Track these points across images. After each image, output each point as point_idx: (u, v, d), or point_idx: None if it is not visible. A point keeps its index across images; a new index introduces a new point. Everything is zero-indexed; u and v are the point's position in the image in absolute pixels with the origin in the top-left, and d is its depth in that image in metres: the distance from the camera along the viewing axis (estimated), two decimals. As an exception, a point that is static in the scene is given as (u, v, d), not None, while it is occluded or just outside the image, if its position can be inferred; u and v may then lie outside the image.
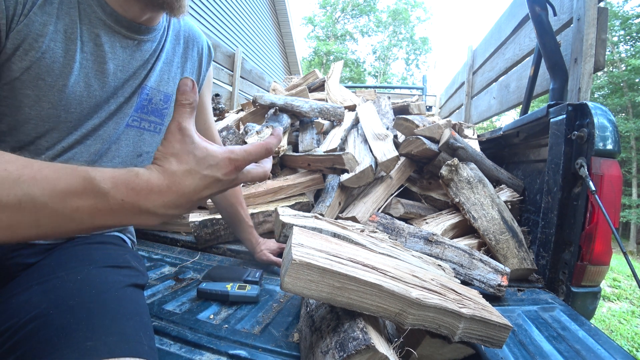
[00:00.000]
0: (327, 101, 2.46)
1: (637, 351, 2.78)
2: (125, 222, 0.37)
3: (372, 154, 1.50)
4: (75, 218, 0.34)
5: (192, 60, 0.78)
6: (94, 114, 0.59)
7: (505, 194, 1.43)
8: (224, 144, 1.53)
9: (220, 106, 2.25)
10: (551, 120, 1.14)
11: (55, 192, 0.33)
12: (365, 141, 1.65)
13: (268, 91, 3.94)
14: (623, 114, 13.86)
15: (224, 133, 1.56)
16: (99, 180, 0.34)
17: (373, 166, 1.41)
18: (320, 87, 2.84)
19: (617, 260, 5.64)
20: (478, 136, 1.95)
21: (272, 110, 1.78)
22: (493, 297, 0.91)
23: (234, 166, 0.40)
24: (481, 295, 0.70)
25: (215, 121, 2.21)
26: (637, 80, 13.06)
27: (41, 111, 0.53)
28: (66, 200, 0.33)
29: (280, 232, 0.79)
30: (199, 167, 0.38)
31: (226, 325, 0.72)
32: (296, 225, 0.73)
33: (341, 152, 1.34)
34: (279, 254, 1.04)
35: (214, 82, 3.46)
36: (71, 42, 0.54)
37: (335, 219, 1.31)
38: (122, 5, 0.58)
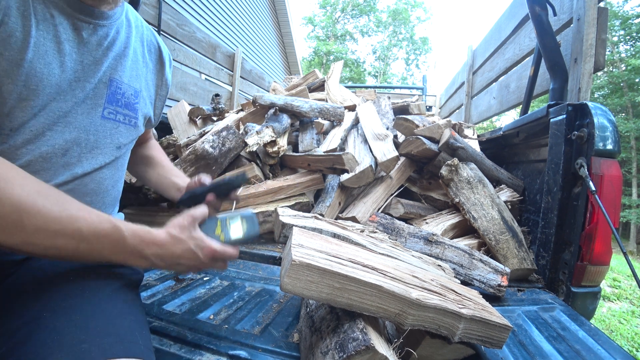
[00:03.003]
0: (327, 101, 2.46)
1: (637, 351, 2.78)
2: (129, 260, 0.52)
3: (372, 154, 1.50)
4: (100, 249, 0.49)
5: (153, 63, 0.80)
6: (57, 95, 0.59)
7: (505, 194, 1.43)
8: (224, 144, 1.53)
9: (220, 106, 2.25)
10: (551, 120, 1.14)
11: (95, 231, 0.48)
12: (365, 141, 1.65)
13: (268, 91, 3.94)
14: (623, 114, 13.85)
15: (224, 133, 1.56)
16: (124, 230, 0.50)
17: (373, 166, 1.40)
18: (320, 87, 2.84)
19: (617, 260, 5.64)
20: (478, 136, 1.95)
21: (272, 110, 1.78)
22: (493, 297, 0.91)
23: (211, 255, 0.59)
24: (481, 296, 0.70)
25: (215, 121, 2.21)
26: (637, 80, 13.04)
27: (1, 86, 0.53)
28: (99, 237, 0.48)
29: (280, 233, 0.79)
30: (189, 242, 0.57)
31: (226, 326, 0.72)
32: (296, 226, 0.73)
33: (341, 152, 1.34)
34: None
35: (214, 82, 3.46)
36: (25, 19, 0.53)
37: (335, 219, 1.31)
38: None
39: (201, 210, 0.62)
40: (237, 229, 0.68)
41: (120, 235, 0.50)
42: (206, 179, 0.77)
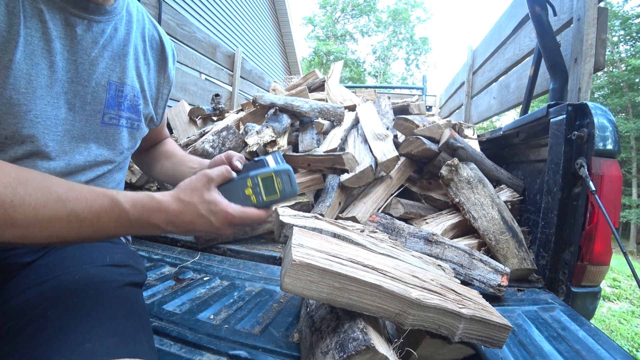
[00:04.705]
0: (327, 101, 2.46)
1: (637, 351, 2.78)
2: (139, 232, 0.50)
3: (372, 154, 1.50)
4: (104, 228, 0.46)
5: (155, 60, 0.76)
6: (50, 99, 0.55)
7: (505, 194, 1.43)
8: (224, 144, 1.53)
9: (220, 106, 2.25)
10: (551, 120, 1.14)
11: (92, 210, 0.45)
12: (365, 141, 1.65)
13: (268, 91, 3.94)
14: (623, 114, 13.84)
15: (224, 133, 1.56)
16: (123, 202, 0.47)
17: (373, 166, 1.41)
18: (320, 87, 2.84)
19: (617, 260, 5.64)
20: (478, 136, 1.95)
21: (272, 110, 1.78)
22: (493, 297, 0.91)
23: (228, 220, 0.53)
24: (481, 296, 0.70)
25: (215, 121, 2.21)
26: (637, 80, 13.04)
27: None
28: (99, 215, 0.45)
29: (280, 232, 0.79)
30: (200, 206, 0.51)
31: (226, 326, 0.72)
32: (296, 226, 0.73)
33: (341, 152, 1.34)
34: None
35: (214, 82, 3.46)
36: (14, 16, 0.50)
37: (335, 219, 1.31)
38: None
39: (219, 170, 0.55)
40: (270, 188, 0.57)
41: (121, 209, 0.46)
42: (238, 159, 0.63)
